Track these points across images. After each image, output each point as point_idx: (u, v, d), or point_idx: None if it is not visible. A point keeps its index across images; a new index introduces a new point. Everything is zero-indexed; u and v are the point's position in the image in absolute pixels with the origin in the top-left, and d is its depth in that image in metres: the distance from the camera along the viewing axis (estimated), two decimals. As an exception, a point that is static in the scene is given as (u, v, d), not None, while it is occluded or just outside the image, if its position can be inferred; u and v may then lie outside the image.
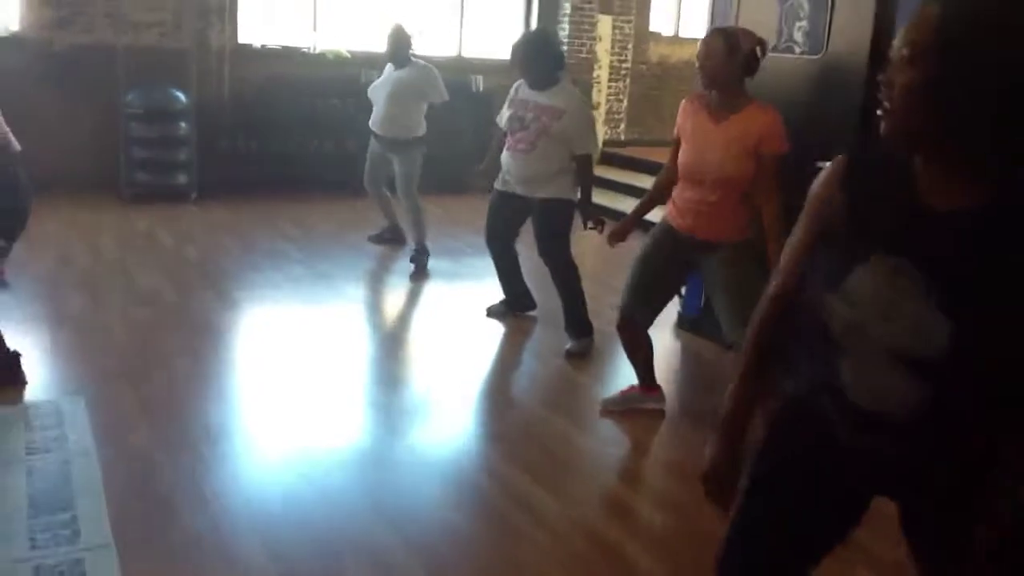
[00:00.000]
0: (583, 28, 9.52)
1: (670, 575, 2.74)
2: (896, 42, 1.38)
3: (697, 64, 3.34)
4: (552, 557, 2.80)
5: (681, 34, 11.28)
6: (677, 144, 3.52)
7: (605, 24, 9.66)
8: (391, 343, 4.93)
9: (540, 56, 4.46)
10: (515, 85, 4.65)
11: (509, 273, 5.01)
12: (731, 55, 3.25)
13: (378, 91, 6.06)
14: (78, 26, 7.59)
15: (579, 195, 4.52)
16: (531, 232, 4.76)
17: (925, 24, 1.32)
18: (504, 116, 4.66)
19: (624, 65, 10.30)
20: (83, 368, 3.97)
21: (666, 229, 3.54)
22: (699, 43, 3.38)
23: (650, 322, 3.70)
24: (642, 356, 3.78)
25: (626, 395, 3.87)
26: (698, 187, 3.39)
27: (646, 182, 8.10)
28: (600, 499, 3.30)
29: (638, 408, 3.83)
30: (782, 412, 1.72)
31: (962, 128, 1.34)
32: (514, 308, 5.11)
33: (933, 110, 1.35)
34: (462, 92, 7.90)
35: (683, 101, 3.56)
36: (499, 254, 4.94)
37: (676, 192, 3.50)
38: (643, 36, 10.53)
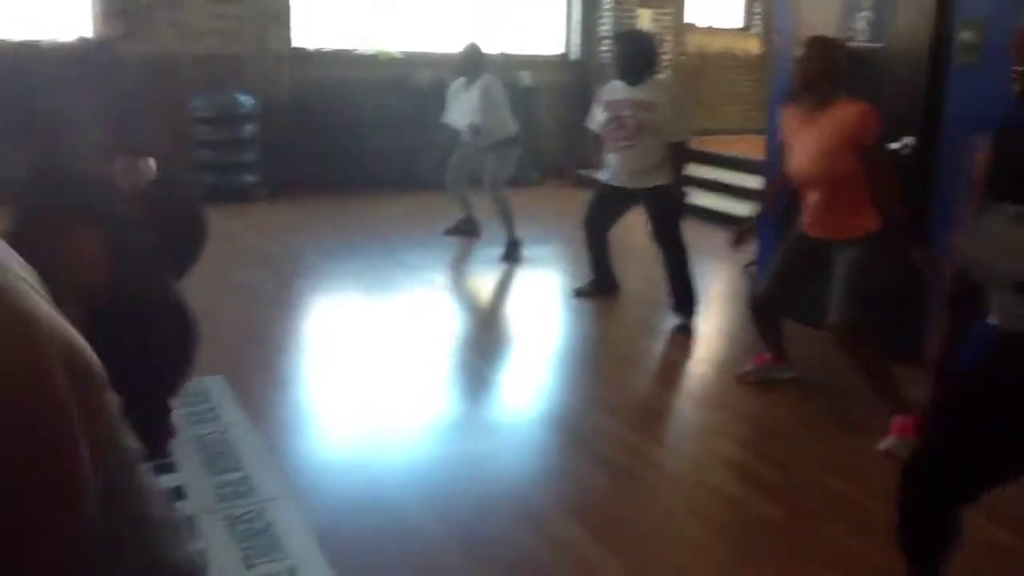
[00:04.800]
0: (624, 21, 9.74)
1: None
2: None
3: (799, 66, 3.52)
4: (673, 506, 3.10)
5: (715, 25, 11.49)
6: (786, 150, 3.69)
7: (645, 17, 9.88)
8: (486, 322, 5.24)
9: (641, 53, 4.76)
10: (603, 88, 4.98)
11: (601, 257, 5.31)
12: (833, 60, 3.47)
13: (457, 112, 6.25)
14: (142, 36, 7.88)
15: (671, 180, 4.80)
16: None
17: None
18: (598, 119, 4.90)
19: (666, 56, 10.48)
20: (219, 354, 4.21)
21: (802, 234, 3.71)
22: (802, 46, 3.58)
23: (783, 306, 3.96)
24: (773, 333, 4.03)
25: (760, 367, 4.12)
26: (813, 189, 3.56)
27: (696, 170, 8.29)
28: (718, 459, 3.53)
29: (773, 378, 4.07)
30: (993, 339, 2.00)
31: None
32: (602, 289, 5.39)
33: None
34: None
35: (782, 109, 3.72)
36: (594, 241, 5.24)
37: (804, 200, 3.66)
38: (681, 27, 10.74)
